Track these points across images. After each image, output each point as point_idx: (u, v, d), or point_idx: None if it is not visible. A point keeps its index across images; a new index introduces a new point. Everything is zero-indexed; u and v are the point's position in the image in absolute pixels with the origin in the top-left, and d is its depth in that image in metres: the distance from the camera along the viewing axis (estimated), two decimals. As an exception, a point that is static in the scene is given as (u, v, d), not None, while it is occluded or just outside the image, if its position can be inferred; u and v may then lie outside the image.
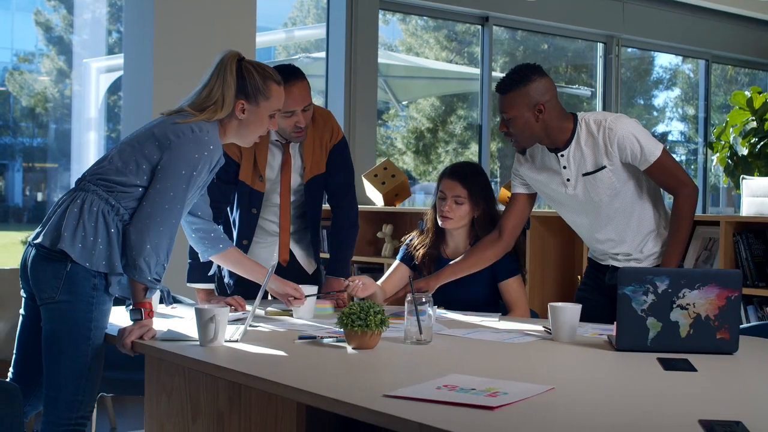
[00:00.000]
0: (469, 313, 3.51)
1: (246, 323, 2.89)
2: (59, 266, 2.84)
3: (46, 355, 2.87)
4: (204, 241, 3.26)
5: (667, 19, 9.05)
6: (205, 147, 2.91)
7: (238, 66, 3.03)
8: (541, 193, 3.54)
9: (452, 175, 3.68)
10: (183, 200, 2.90)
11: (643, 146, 3.24)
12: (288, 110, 3.54)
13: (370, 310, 2.68)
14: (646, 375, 2.41)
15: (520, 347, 2.83)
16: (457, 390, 2.14)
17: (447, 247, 3.77)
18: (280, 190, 3.73)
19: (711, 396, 2.22)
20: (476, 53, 9.13)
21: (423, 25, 9.46)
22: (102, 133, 7.64)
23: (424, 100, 9.65)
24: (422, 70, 9.61)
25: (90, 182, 2.93)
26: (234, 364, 2.51)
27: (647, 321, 2.70)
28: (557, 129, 3.32)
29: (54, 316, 2.85)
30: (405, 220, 6.23)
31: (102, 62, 7.84)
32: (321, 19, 8.72)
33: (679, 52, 9.77)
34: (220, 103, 2.99)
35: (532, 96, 3.25)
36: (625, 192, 3.33)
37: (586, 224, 3.45)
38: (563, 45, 9.60)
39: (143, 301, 2.86)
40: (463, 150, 9.50)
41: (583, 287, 3.63)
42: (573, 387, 2.27)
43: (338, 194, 3.83)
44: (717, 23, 9.39)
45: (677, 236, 3.30)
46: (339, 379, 2.38)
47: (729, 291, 2.68)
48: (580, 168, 3.33)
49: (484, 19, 8.04)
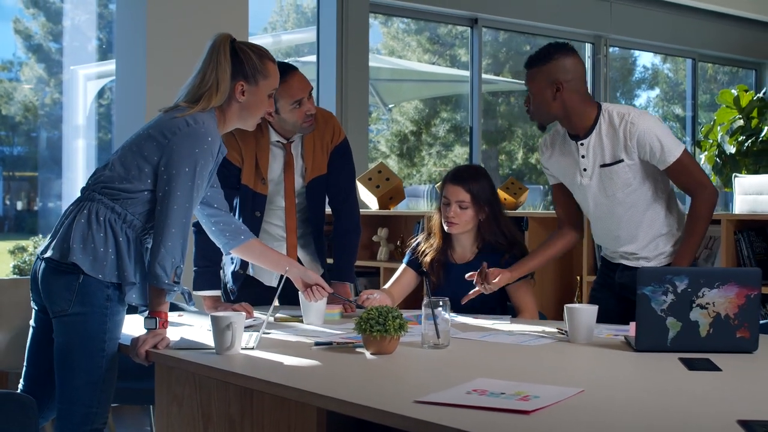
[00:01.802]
0: (478, 316, 3.49)
1: (261, 330, 2.85)
2: (71, 279, 2.80)
3: (59, 368, 2.82)
4: (225, 233, 3.22)
5: (654, 18, 9.08)
6: (203, 140, 2.85)
7: (231, 48, 2.97)
8: (563, 181, 3.52)
9: (455, 180, 3.65)
10: (191, 197, 2.85)
11: (663, 145, 3.22)
12: (295, 100, 3.52)
13: (389, 315, 2.65)
14: (672, 375, 2.39)
15: (538, 349, 2.81)
16: (487, 395, 2.12)
17: (454, 252, 3.74)
18: (285, 191, 3.70)
19: (742, 395, 2.21)
20: (459, 55, 9.12)
21: (404, 28, 9.43)
22: (91, 141, 7.58)
23: (407, 103, 9.63)
24: (408, 73, 9.59)
25: (95, 191, 2.89)
26: (255, 371, 2.48)
27: (667, 321, 2.69)
28: (578, 113, 3.31)
29: (67, 328, 2.81)
30: (400, 224, 6.21)
31: (89, 69, 7.78)
32: (301, 24, 8.69)
33: (666, 51, 9.80)
34: (215, 88, 2.93)
35: (551, 74, 3.26)
36: (640, 190, 3.31)
37: (599, 217, 3.43)
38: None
39: (159, 310, 2.82)
40: (446, 152, 9.49)
41: (596, 287, 3.61)
42: (602, 389, 2.25)
43: (339, 197, 3.80)
44: (703, 22, 9.43)
45: (692, 237, 3.27)
46: (365, 384, 2.35)
47: (748, 289, 2.67)
48: (598, 159, 3.31)
49: (473, 20, 8.04)
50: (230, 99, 2.98)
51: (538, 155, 3.57)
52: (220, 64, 2.94)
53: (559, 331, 3.09)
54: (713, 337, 2.69)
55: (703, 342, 2.69)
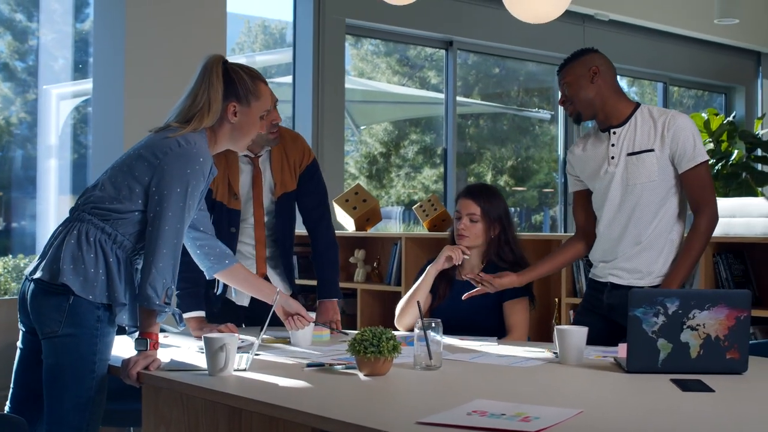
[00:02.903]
0: (465, 338, 3.50)
1: (252, 352, 2.84)
2: (61, 300, 2.77)
3: (48, 389, 2.79)
4: (209, 257, 3.21)
5: (627, 43, 9.18)
6: (194, 160, 2.84)
7: (224, 69, 2.98)
8: (584, 177, 3.58)
9: (467, 194, 3.75)
10: (182, 218, 2.83)
11: (696, 145, 3.31)
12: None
13: (383, 336, 2.66)
14: (667, 396, 2.41)
15: (530, 371, 2.82)
16: (488, 416, 2.13)
17: (462, 268, 3.76)
18: (253, 204, 3.71)
19: (737, 416, 2.23)
20: (429, 77, 9.15)
21: (374, 50, 9.46)
22: (63, 160, 7.53)
23: (377, 125, 9.65)
24: (380, 95, 9.61)
25: (84, 211, 2.87)
26: (250, 393, 2.47)
27: (658, 342, 2.71)
28: (613, 104, 3.43)
29: (57, 350, 2.78)
30: (377, 245, 6.21)
31: (62, 89, 7.74)
32: (269, 45, 8.68)
33: (638, 75, 9.91)
34: (206, 109, 2.92)
35: (587, 63, 3.44)
36: (661, 187, 3.36)
37: (612, 215, 3.44)
38: (515, 68, 9.67)
39: (149, 331, 2.80)
40: (415, 174, 9.51)
41: (581, 310, 3.63)
42: (599, 410, 2.26)
43: (314, 216, 3.83)
44: (674, 46, 9.55)
45: (690, 253, 3.32)
46: (363, 405, 2.35)
47: (738, 311, 2.70)
48: (628, 147, 3.39)
49: (448, 43, 8.09)
50: (222, 120, 2.97)
51: (507, 179, 3.66)
52: (212, 84, 2.94)
53: (551, 352, 3.11)
54: (704, 359, 2.71)
55: (694, 363, 2.71)
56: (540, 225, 9.94)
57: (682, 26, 9.22)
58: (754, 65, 10.49)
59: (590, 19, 8.63)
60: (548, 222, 9.82)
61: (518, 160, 9.84)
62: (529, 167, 9.90)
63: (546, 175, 9.96)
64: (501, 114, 9.77)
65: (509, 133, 9.93)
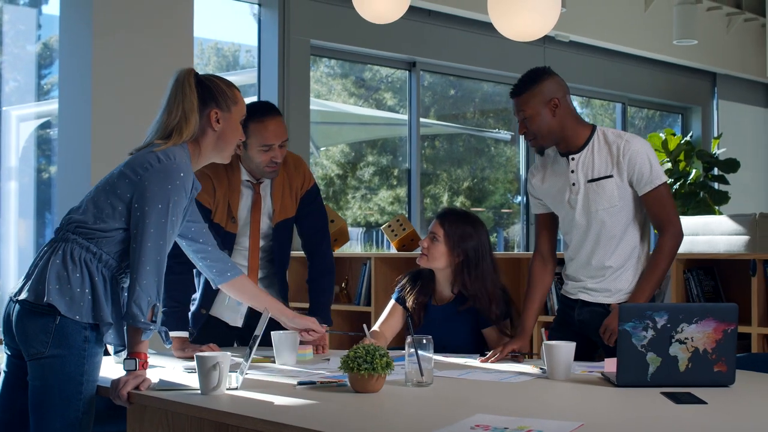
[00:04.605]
0: (448, 355, 3.50)
1: (244, 370, 2.82)
2: (48, 320, 2.73)
3: (34, 411, 2.75)
4: (212, 270, 3.19)
5: (587, 63, 9.30)
6: (174, 176, 2.81)
7: (197, 80, 2.95)
8: (547, 202, 3.57)
9: (436, 216, 3.72)
10: (164, 234, 2.79)
11: (653, 167, 3.33)
12: (266, 144, 3.53)
13: (376, 353, 2.65)
14: (662, 409, 2.43)
15: (521, 386, 2.84)
16: (490, 430, 2.13)
17: (435, 292, 3.75)
18: (250, 231, 3.69)
19: (733, 427, 2.27)
20: (385, 99, 9.18)
21: (329, 72, 9.49)
22: (24, 180, 7.45)
23: (334, 147, 9.65)
24: (340, 116, 9.62)
25: (69, 231, 2.84)
26: (246, 410, 2.45)
27: (647, 356, 2.74)
28: (572, 130, 3.41)
29: (44, 371, 2.74)
30: (345, 265, 6.21)
31: (21, 110, 7.66)
32: (221, 68, 8.66)
33: (597, 95, 10.03)
34: (184, 120, 2.89)
35: (545, 93, 3.36)
36: (622, 212, 3.38)
37: (578, 240, 3.48)
38: (472, 89, 9.73)
39: (138, 350, 2.77)
40: (372, 196, 9.52)
41: (555, 326, 3.65)
42: (599, 423, 2.28)
43: (312, 241, 3.81)
44: (632, 67, 9.69)
45: (654, 272, 3.36)
46: (364, 422, 2.34)
47: (726, 324, 2.74)
48: (587, 173, 3.39)
49: (411, 64, 8.14)
50: (205, 129, 2.95)
51: (463, 200, 3.63)
52: (186, 95, 2.90)
53: (538, 368, 3.13)
54: (692, 372, 2.74)
55: (682, 376, 2.74)
56: (494, 246, 9.98)
57: (642, 47, 9.36)
58: (710, 86, 10.67)
59: (551, 40, 8.74)
60: (502, 243, 9.87)
61: (474, 181, 9.88)
62: (485, 188, 9.95)
63: (501, 196, 10.02)
64: (456, 135, 9.82)
65: (465, 154, 9.98)
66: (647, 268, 3.40)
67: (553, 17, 3.74)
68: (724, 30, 10.16)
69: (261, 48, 7.25)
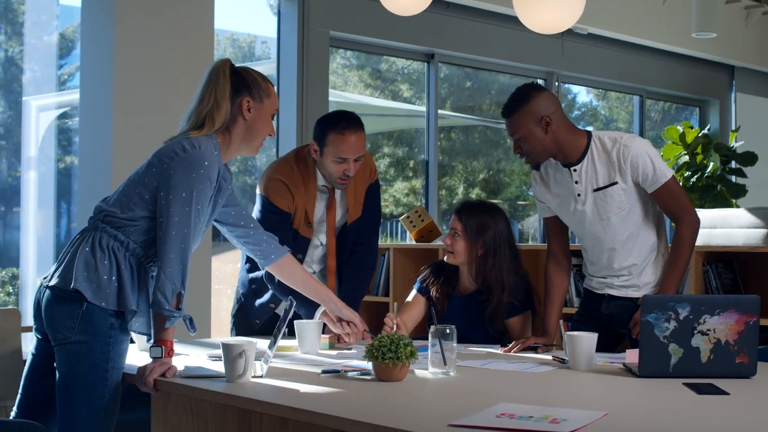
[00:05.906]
0: (469, 346, 3.52)
1: (269, 358, 2.84)
2: (75, 306, 2.77)
3: (61, 397, 2.79)
4: (257, 252, 3.25)
5: (604, 56, 9.28)
6: (198, 165, 2.83)
7: (232, 69, 2.98)
8: (552, 209, 3.57)
9: (454, 210, 3.73)
10: (188, 223, 2.82)
11: (655, 166, 3.32)
12: (341, 156, 3.56)
13: (400, 342, 2.68)
14: (684, 400, 2.45)
15: (543, 376, 2.86)
16: (516, 418, 2.15)
17: (458, 283, 3.77)
18: (327, 231, 3.75)
19: (758, 418, 2.28)
20: (401, 90, 9.18)
21: (345, 64, 9.49)
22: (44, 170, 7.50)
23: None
24: (357, 107, 9.63)
25: (99, 220, 2.89)
26: (275, 398, 2.49)
27: (669, 347, 2.75)
28: (568, 142, 3.38)
29: (70, 357, 2.78)
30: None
31: (41, 101, 7.71)
32: (237, 59, 8.67)
33: (614, 88, 10.02)
34: (215, 108, 2.91)
35: (536, 111, 3.33)
36: (633, 213, 3.39)
37: (594, 244, 3.49)
38: (488, 80, 9.71)
39: (164, 338, 2.80)
40: (387, 187, 9.53)
41: (578, 318, 3.66)
42: (623, 413, 2.30)
43: (365, 233, 3.85)
44: (650, 60, 9.66)
45: (677, 263, 3.36)
46: (389, 410, 2.35)
47: (748, 316, 2.75)
48: (592, 183, 3.38)
49: (429, 56, 8.14)
50: (236, 117, 2.97)
51: (478, 192, 3.63)
52: (219, 84, 2.93)
53: (556, 358, 3.15)
54: (714, 363, 2.76)
55: (704, 367, 2.75)
56: (513, 234, 9.98)
57: (660, 40, 9.33)
58: (728, 79, 10.63)
59: (569, 32, 8.71)
60: (517, 234, 9.87)
61: (490, 173, 9.88)
62: (501, 180, 9.95)
63: (517, 188, 10.02)
64: (472, 127, 9.82)
65: (481, 146, 9.98)
66: (670, 259, 3.40)
67: (578, 9, 3.75)
68: (743, 23, 10.12)
69: (280, 39, 7.26)
